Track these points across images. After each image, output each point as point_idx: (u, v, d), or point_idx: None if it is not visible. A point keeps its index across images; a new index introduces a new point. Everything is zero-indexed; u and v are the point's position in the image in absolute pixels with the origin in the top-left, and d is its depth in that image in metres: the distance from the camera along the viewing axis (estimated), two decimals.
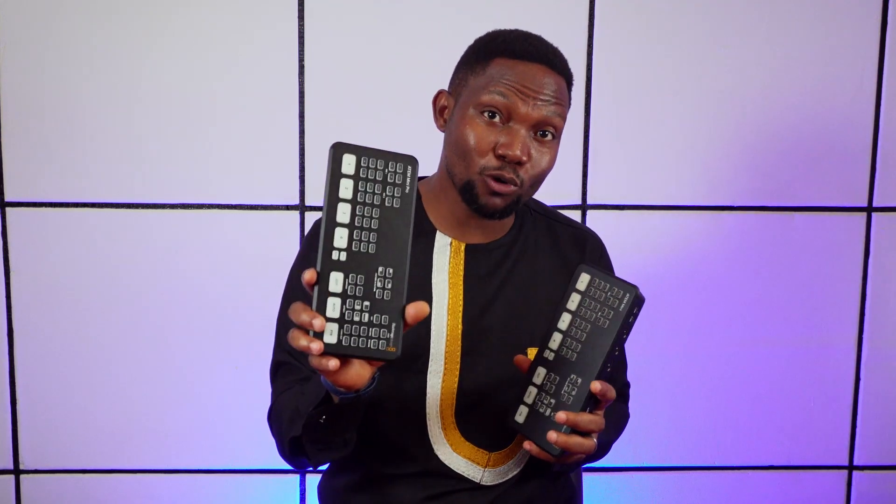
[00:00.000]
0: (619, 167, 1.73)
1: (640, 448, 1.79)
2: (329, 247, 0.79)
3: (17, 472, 1.73)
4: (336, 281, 0.79)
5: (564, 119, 1.04)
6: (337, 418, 0.93)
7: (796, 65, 1.72)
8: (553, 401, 0.91)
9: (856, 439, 1.84)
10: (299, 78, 1.66)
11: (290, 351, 1.10)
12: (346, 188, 0.79)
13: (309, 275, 0.78)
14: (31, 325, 1.70)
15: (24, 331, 1.70)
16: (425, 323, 1.07)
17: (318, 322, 0.76)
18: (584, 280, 0.93)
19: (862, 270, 1.78)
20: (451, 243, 1.10)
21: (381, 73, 1.64)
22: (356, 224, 0.79)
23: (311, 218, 1.66)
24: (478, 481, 1.09)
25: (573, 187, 1.72)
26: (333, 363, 0.77)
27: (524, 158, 1.00)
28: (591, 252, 1.18)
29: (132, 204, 1.67)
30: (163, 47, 1.64)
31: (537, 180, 1.05)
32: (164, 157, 1.67)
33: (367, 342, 0.78)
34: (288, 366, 1.10)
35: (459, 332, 1.07)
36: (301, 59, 1.65)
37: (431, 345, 1.06)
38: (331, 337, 0.77)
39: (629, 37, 1.69)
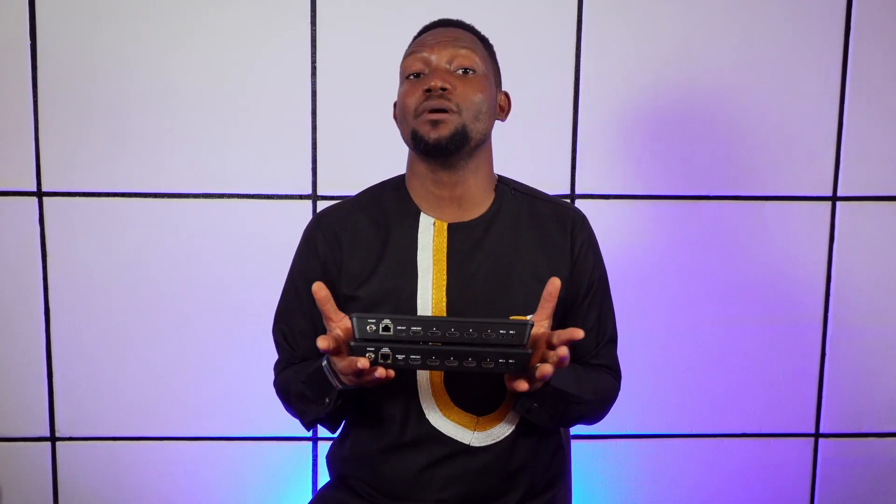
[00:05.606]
0: (605, 159, 1.75)
1: (625, 417, 1.80)
2: None
3: (53, 439, 1.77)
4: None
5: (479, 61, 1.08)
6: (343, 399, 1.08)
7: (766, 64, 1.74)
8: None
9: (821, 409, 1.86)
10: (312, 78, 1.69)
11: (285, 335, 1.21)
12: None
13: None
14: (65, 306, 1.72)
15: (60, 311, 1.72)
16: (412, 299, 1.09)
17: None
18: None
19: (827, 254, 1.81)
20: (434, 223, 1.12)
21: (389, 74, 1.56)
22: None
23: (322, 206, 1.66)
24: (468, 443, 1.11)
25: (562, 178, 1.75)
26: None
27: (444, 85, 1.04)
28: (574, 226, 1.15)
29: (158, 194, 1.70)
30: (189, 50, 1.67)
31: (476, 111, 1.06)
32: (187, 151, 1.69)
33: None
34: (281, 347, 1.21)
35: (444, 305, 1.08)
36: (314, 61, 1.69)
37: None
38: None
39: (614, 40, 1.71)
